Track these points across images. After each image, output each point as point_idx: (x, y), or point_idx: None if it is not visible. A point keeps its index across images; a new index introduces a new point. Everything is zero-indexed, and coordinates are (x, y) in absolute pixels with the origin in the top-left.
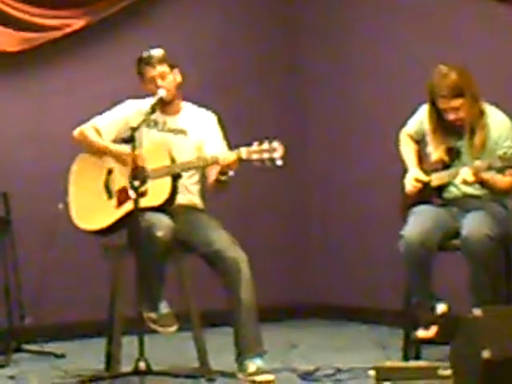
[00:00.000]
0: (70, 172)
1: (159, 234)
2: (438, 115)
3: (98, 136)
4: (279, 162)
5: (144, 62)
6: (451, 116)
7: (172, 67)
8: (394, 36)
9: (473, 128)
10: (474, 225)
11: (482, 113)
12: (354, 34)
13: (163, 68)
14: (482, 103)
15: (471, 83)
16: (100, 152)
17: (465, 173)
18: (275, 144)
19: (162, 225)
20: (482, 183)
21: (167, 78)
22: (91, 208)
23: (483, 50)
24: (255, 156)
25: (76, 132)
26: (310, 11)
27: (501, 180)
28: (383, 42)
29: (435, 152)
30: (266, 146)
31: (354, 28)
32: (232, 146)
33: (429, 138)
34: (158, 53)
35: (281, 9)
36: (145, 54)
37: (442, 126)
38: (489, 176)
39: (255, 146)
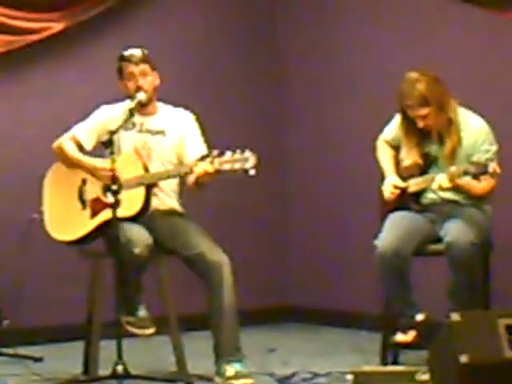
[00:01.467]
0: (45, 181)
1: (136, 250)
2: (409, 121)
3: (76, 148)
4: (252, 172)
5: (126, 59)
6: (420, 124)
7: (153, 69)
8: (372, 49)
9: (442, 136)
10: (457, 232)
11: (450, 121)
12: (334, 48)
13: (145, 67)
14: (452, 111)
15: (438, 92)
16: (74, 166)
17: (440, 179)
18: (247, 154)
19: (140, 241)
20: (458, 189)
21: (148, 77)
22: (65, 219)
23: (463, 59)
24: (227, 166)
25: (55, 145)
26: (292, 27)
27: (476, 185)
28: (361, 55)
29: (407, 158)
30: (237, 155)
31: (334, 42)
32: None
33: (402, 144)
34: (141, 52)
35: (262, 21)
36: (127, 52)
37: (415, 131)
38: (464, 182)
39: (227, 156)
